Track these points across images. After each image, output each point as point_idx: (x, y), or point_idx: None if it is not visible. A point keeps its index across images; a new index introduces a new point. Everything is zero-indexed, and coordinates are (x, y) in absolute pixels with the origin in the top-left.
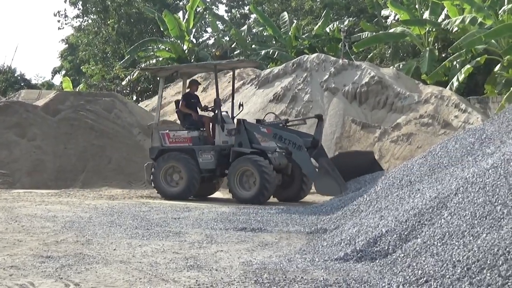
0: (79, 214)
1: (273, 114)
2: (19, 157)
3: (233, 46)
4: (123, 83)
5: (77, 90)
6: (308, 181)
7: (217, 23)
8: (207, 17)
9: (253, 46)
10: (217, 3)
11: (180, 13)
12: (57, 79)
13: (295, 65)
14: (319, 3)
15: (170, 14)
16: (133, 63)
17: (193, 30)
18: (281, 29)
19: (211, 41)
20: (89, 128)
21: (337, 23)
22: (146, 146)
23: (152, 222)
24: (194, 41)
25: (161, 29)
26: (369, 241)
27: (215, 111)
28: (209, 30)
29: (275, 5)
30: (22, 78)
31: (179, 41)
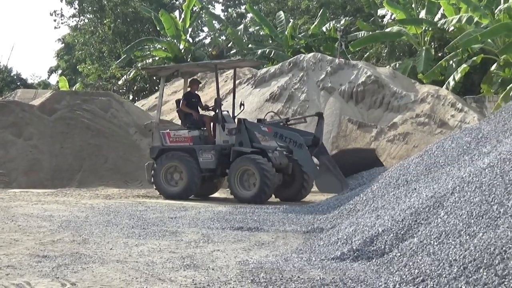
0: (75, 213)
1: (273, 113)
2: (16, 157)
3: (230, 45)
4: (119, 82)
5: (74, 89)
6: (309, 181)
7: (214, 22)
8: (203, 16)
9: (250, 45)
10: (213, 3)
11: (176, 13)
12: (53, 79)
13: (291, 65)
14: (315, 2)
15: (166, 13)
16: (129, 62)
17: (190, 29)
18: (278, 29)
19: (208, 41)
20: (85, 127)
21: (334, 23)
22: (142, 145)
23: (148, 221)
24: (190, 40)
25: (158, 29)
26: (365, 241)
27: (216, 111)
28: (205, 29)
29: (271, 4)
30: (18, 77)
31: (175, 41)
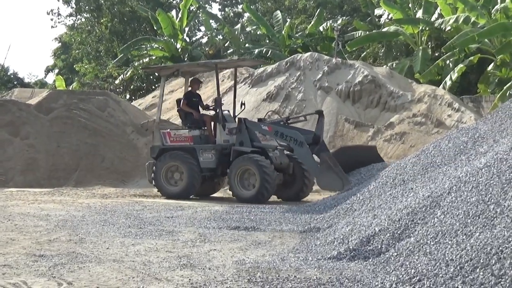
0: (72, 213)
1: (272, 112)
2: (12, 156)
3: (227, 45)
4: (116, 81)
5: (70, 88)
6: (309, 180)
7: (211, 21)
8: (200, 15)
9: (247, 45)
10: (210, 2)
11: (173, 12)
12: (50, 78)
13: (288, 64)
14: (312, 2)
15: (163, 12)
16: (126, 61)
17: (187, 28)
18: (275, 28)
19: (205, 40)
20: (82, 126)
21: (331, 22)
22: (139, 145)
23: (145, 221)
24: (187, 39)
25: (155, 28)
26: (362, 240)
27: (216, 110)
28: (202, 28)
29: (268, 3)
30: (15, 76)
31: (172, 40)
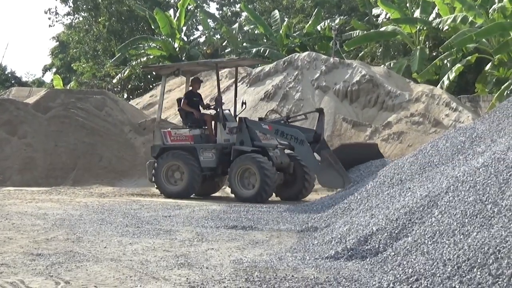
0: (69, 212)
1: (273, 111)
2: (10, 155)
3: (224, 44)
4: (114, 81)
5: (68, 87)
6: (310, 180)
7: (208, 21)
8: (198, 15)
9: (244, 44)
10: (208, 1)
11: (171, 11)
12: (47, 77)
13: (286, 63)
14: (310, 1)
15: (161, 12)
16: (124, 61)
17: (184, 28)
18: (272, 27)
19: (202, 39)
20: (80, 126)
21: (328, 22)
22: (137, 144)
23: (142, 220)
24: (185, 39)
25: (152, 27)
26: (359, 240)
27: (217, 109)
28: (200, 28)
29: (266, 3)
30: (12, 75)
31: (170, 39)
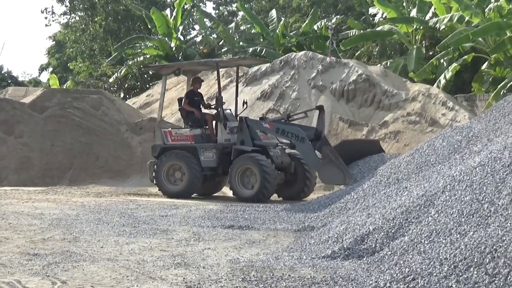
0: (66, 211)
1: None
2: (6, 155)
3: (221, 43)
4: (110, 80)
5: (64, 87)
6: (311, 179)
7: (205, 20)
8: (194, 14)
9: (241, 43)
10: (204, 1)
11: (167, 11)
12: (44, 76)
13: (282, 63)
14: (306, 1)
15: (157, 11)
16: (120, 60)
17: (181, 27)
18: (269, 27)
19: (199, 39)
20: (76, 125)
21: (325, 21)
22: (133, 143)
23: (139, 219)
24: (181, 38)
25: (149, 27)
26: (356, 239)
27: (218, 109)
28: (196, 27)
29: (262, 2)
30: (9, 75)
31: (166, 39)
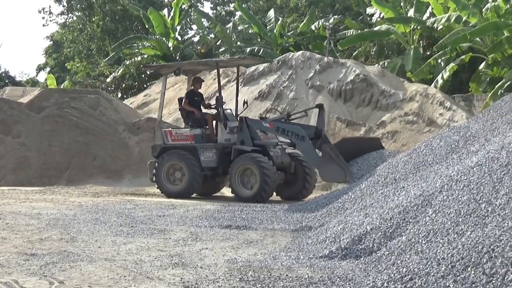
0: (63, 211)
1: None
2: (4, 154)
3: (218, 43)
4: (107, 80)
5: (62, 87)
6: (311, 179)
7: (202, 20)
8: (192, 14)
9: (238, 43)
10: (202, 1)
11: (165, 10)
12: (41, 76)
13: (280, 63)
14: (304, 0)
15: (155, 11)
16: (118, 60)
17: (178, 27)
18: (267, 27)
19: (196, 39)
20: (73, 125)
21: (323, 21)
22: (131, 143)
23: (137, 219)
24: (179, 38)
25: (146, 26)
26: (353, 239)
27: (218, 109)
28: (194, 27)
29: (260, 2)
30: (6, 75)
31: (164, 39)
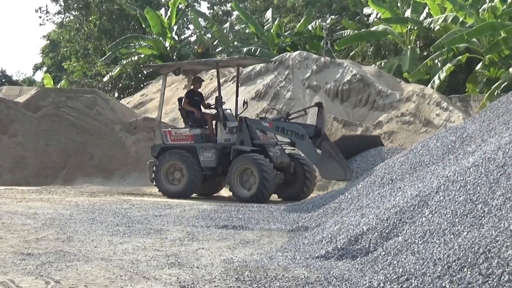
0: (60, 211)
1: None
2: (0, 154)
3: (215, 43)
4: (104, 79)
5: (59, 86)
6: (311, 179)
7: (199, 20)
8: (189, 14)
9: (235, 43)
10: (199, 0)
11: (162, 10)
12: (38, 76)
13: (277, 63)
14: (301, 0)
15: (152, 11)
16: (114, 60)
17: (175, 27)
18: (264, 27)
19: (193, 38)
20: (70, 124)
21: (319, 21)
22: (127, 143)
23: (133, 219)
24: (176, 38)
25: (143, 26)
26: (350, 239)
27: (218, 109)
28: (191, 27)
29: (257, 2)
30: (3, 74)
31: (161, 38)
